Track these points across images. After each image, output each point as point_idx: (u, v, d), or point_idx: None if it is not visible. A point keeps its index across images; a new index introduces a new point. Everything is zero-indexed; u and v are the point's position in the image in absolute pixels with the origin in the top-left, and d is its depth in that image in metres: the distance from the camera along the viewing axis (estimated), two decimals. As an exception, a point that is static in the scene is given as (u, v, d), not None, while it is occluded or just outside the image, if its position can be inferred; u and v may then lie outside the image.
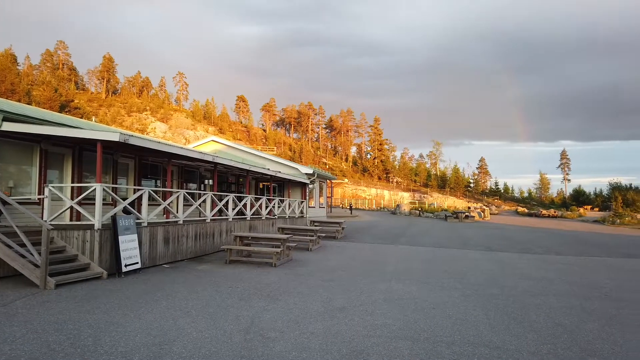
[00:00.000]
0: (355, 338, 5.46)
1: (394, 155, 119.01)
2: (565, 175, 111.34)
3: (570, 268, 12.82)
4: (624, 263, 14.40)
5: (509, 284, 9.77)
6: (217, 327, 5.72)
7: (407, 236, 22.29)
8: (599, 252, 17.58)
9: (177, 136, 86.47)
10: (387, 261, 13.15)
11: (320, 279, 9.63)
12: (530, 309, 7.41)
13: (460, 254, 15.49)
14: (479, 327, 6.13)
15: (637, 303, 8.18)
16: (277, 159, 27.50)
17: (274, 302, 7.30)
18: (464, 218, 39.24)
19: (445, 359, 4.84)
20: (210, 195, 14.03)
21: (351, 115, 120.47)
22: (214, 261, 11.94)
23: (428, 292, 8.57)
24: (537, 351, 5.20)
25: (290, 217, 21.83)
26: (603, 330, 6.18)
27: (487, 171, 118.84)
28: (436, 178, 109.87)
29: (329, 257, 13.67)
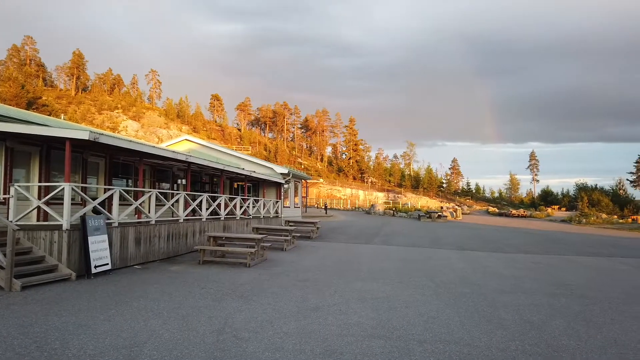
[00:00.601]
0: (329, 337, 5.48)
1: (368, 155, 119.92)
2: (534, 176, 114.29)
3: (539, 266, 13.18)
4: (589, 261, 14.89)
5: (479, 282, 9.98)
6: (189, 328, 5.65)
7: (381, 236, 22.49)
8: (565, 250, 18.13)
9: (149, 135, 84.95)
10: (362, 261, 13.24)
11: (294, 279, 9.63)
12: (499, 306, 7.59)
13: (433, 253, 15.73)
14: (450, 325, 6.25)
15: (601, 300, 8.47)
16: (252, 158, 27.34)
17: (247, 302, 7.26)
18: (437, 218, 39.84)
19: (417, 356, 4.91)
20: (184, 195, 13.85)
21: (326, 116, 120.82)
22: (187, 262, 11.79)
23: (401, 291, 8.67)
24: (506, 348, 5.33)
25: (265, 217, 21.74)
26: (569, 327, 6.38)
27: (459, 172, 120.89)
28: (410, 178, 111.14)
29: (303, 257, 13.68)
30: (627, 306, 7.94)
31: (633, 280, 11.23)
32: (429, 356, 4.94)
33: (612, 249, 18.94)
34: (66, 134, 9.39)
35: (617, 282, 10.84)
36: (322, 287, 8.83)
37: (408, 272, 11.17)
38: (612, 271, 12.73)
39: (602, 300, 8.38)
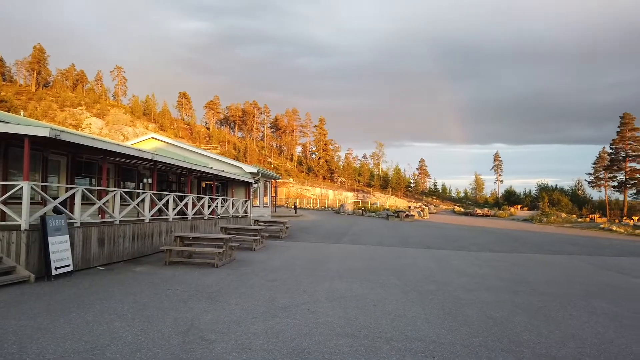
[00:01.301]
0: (297, 337, 5.48)
1: (338, 155, 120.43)
2: (498, 176, 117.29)
3: (502, 264, 13.55)
4: (549, 259, 15.41)
5: (445, 280, 10.18)
6: (154, 330, 5.54)
7: (350, 235, 22.63)
8: (527, 249, 18.70)
9: (114, 133, 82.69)
10: (331, 260, 13.29)
11: (263, 279, 9.57)
12: (464, 303, 7.76)
13: (401, 252, 15.94)
14: (417, 323, 6.35)
15: (560, 296, 8.79)
16: (220, 157, 27.01)
17: (214, 303, 7.17)
18: (405, 217, 40.39)
19: (383, 354, 4.97)
20: (149, 194, 13.56)
21: (296, 115, 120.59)
22: (153, 262, 11.55)
23: (369, 290, 8.75)
24: (470, 344, 5.46)
25: (233, 217, 21.52)
26: (529, 322, 6.58)
27: (426, 172, 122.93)
28: (379, 178, 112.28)
29: (272, 256, 13.62)
30: (585, 302, 8.26)
31: (590, 277, 11.69)
32: (396, 353, 5.00)
33: (571, 247, 19.67)
34: (25, 131, 9.03)
35: (576, 279, 11.26)
36: (291, 286, 8.82)
37: (376, 271, 11.28)
38: (571, 268, 13.21)
39: (561, 297, 8.69)
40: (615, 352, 5.31)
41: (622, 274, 12.23)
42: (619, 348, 5.48)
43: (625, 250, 19.37)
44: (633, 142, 64.43)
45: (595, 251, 18.43)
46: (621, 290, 9.67)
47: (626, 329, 6.38)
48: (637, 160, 64.65)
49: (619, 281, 11.03)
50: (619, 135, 65.14)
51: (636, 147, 64.48)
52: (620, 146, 65.38)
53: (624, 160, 64.85)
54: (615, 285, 10.32)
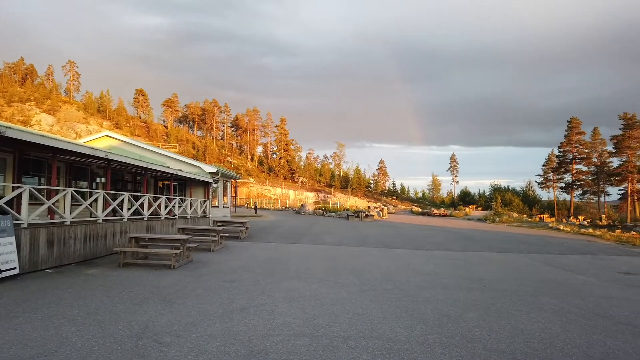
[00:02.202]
0: (254, 338, 5.44)
1: (299, 155, 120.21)
2: (454, 177, 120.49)
3: (456, 263, 13.95)
4: (501, 257, 15.99)
5: (402, 279, 10.38)
6: (105, 335, 5.36)
7: (311, 235, 22.67)
8: (480, 247, 19.33)
9: (66, 130, 79.24)
10: (290, 260, 13.27)
11: (221, 280, 9.45)
12: (420, 301, 7.94)
13: (360, 252, 16.12)
14: (374, 321, 6.44)
15: (511, 293, 9.14)
16: (178, 156, 26.43)
17: (170, 305, 7.01)
18: (364, 217, 40.86)
19: (341, 353, 5.02)
20: (103, 194, 13.10)
21: (257, 115, 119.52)
22: (106, 264, 11.16)
23: (328, 289, 8.80)
24: (425, 341, 5.60)
25: (191, 217, 21.12)
26: (482, 319, 6.82)
27: (386, 172, 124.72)
28: (339, 179, 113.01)
29: (231, 257, 13.46)
30: (534, 298, 8.63)
31: (539, 274, 12.21)
32: (353, 352, 5.06)
33: (521, 246, 20.48)
34: (-34, 127, 8.53)
35: (525, 276, 11.73)
36: (249, 287, 8.75)
37: (335, 271, 11.36)
38: (521, 266, 13.76)
39: (511, 294, 9.04)
40: (561, 346, 5.58)
41: (568, 271, 12.85)
42: (564, 342, 5.76)
43: (571, 248, 20.36)
44: (579, 145, 67.87)
45: (544, 249, 19.28)
46: (567, 287, 10.16)
47: (571, 324, 6.72)
48: (582, 163, 68.23)
49: (565, 278, 11.58)
50: (567, 138, 68.42)
51: (582, 150, 67.99)
52: (567, 149, 68.69)
53: (571, 163, 68.21)
54: (561, 282, 10.84)
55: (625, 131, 60.02)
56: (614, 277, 12.01)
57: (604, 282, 11.03)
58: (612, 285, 10.69)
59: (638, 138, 59.19)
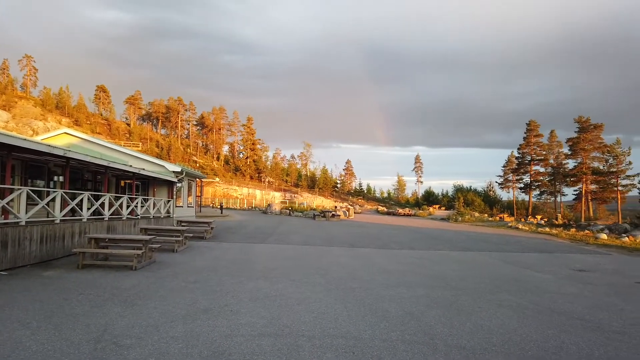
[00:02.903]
0: (217, 339, 5.39)
1: (266, 155, 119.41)
2: (419, 178, 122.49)
3: (420, 261, 14.22)
4: (462, 256, 16.40)
5: (367, 278, 10.49)
6: (62, 338, 5.18)
7: (277, 235, 22.60)
8: (443, 246, 19.77)
9: (22, 127, 75.90)
10: (256, 260, 13.19)
11: (184, 281, 9.29)
12: (384, 300, 8.06)
13: (326, 251, 16.19)
14: (338, 320, 6.49)
15: (472, 290, 9.40)
16: (141, 155, 25.81)
17: (131, 307, 6.85)
18: (331, 217, 41.04)
19: (305, 352, 5.03)
20: (61, 193, 12.64)
21: (224, 113, 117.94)
22: (64, 266, 10.78)
23: (293, 289, 8.80)
24: (388, 338, 5.68)
25: (155, 217, 20.67)
26: (443, 316, 6.98)
27: (352, 172, 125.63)
28: (306, 178, 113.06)
29: (195, 258, 13.26)
30: (493, 295, 8.89)
31: (498, 271, 12.59)
32: (317, 350, 5.09)
33: (482, 244, 21.07)
34: None
35: (486, 274, 12.08)
36: (213, 288, 8.64)
37: (301, 270, 11.37)
38: (482, 264, 14.15)
39: (472, 291, 9.29)
40: (518, 341, 5.78)
41: (526, 269, 13.31)
42: (521, 337, 5.97)
43: (529, 246, 21.09)
44: (537, 147, 70.48)
45: (503, 248, 19.89)
46: (524, 284, 10.52)
47: (528, 319, 6.97)
48: (540, 164, 70.91)
49: (523, 275, 11.99)
50: (525, 140, 70.92)
51: (540, 152, 70.64)
52: (526, 151, 71.19)
53: (529, 164, 70.74)
54: (519, 279, 11.21)
55: (580, 134, 62.70)
56: (568, 274, 12.52)
57: (560, 279, 11.49)
58: (566, 282, 11.14)
59: (592, 141, 61.95)
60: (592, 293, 9.60)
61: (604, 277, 12.14)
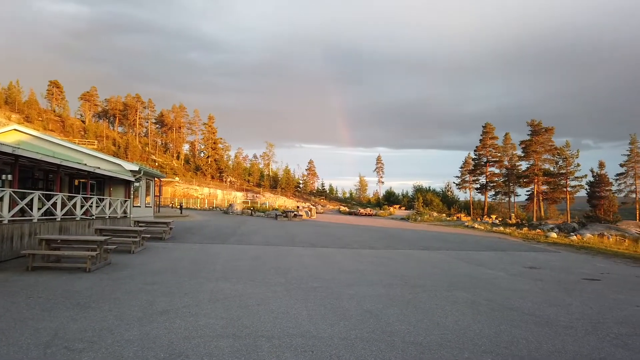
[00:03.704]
0: (175, 341, 5.29)
1: (228, 154, 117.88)
2: (380, 178, 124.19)
3: (380, 260, 14.45)
4: (421, 254, 16.78)
5: (328, 277, 10.57)
6: (9, 344, 4.96)
7: (238, 235, 22.39)
8: (403, 245, 20.16)
9: (-33, 122, 71.86)
10: (216, 261, 13.03)
11: (141, 283, 9.06)
12: (344, 298, 8.14)
13: (287, 251, 16.18)
14: (299, 319, 6.52)
15: (429, 288, 9.63)
16: (97, 153, 24.96)
17: (84, 310, 6.62)
18: (293, 217, 41.03)
19: (264, 352, 5.03)
20: (9, 192, 12.06)
21: (184, 112, 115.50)
22: (12, 268, 10.29)
23: (254, 289, 8.76)
24: (347, 336, 5.75)
25: (111, 218, 20.04)
26: (402, 314, 7.13)
27: (315, 173, 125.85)
28: (269, 178, 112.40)
29: (153, 259, 12.95)
30: (449, 293, 9.15)
31: (455, 270, 12.97)
32: (276, 350, 5.09)
33: (440, 243, 21.63)
34: None
35: (443, 272, 12.42)
36: (172, 289, 8.48)
37: (262, 271, 11.32)
38: (439, 262, 14.53)
39: (430, 289, 9.53)
40: (472, 336, 5.98)
41: (481, 266, 13.77)
42: (474, 332, 6.18)
43: (484, 245, 21.83)
44: (492, 149, 72.98)
45: (460, 246, 20.50)
46: (478, 281, 10.89)
47: (481, 315, 7.22)
48: (495, 166, 73.44)
49: (477, 273, 12.40)
50: (482, 142, 73.29)
51: (495, 154, 73.17)
52: (482, 152, 73.57)
53: (485, 165, 73.13)
54: (474, 277, 11.59)
55: (532, 137, 65.42)
56: (520, 271, 13.04)
57: (512, 276, 11.95)
58: (518, 279, 11.60)
59: (543, 143, 64.74)
60: (541, 289, 10.04)
61: (553, 274, 12.72)
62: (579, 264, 15.52)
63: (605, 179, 65.91)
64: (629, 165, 66.99)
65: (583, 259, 17.02)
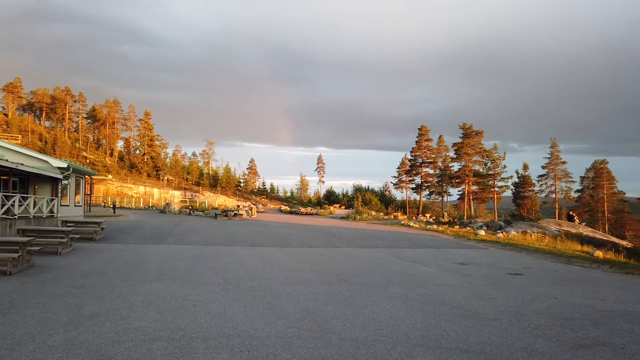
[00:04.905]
0: (104, 345, 5.08)
1: (165, 152, 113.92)
2: (321, 178, 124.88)
3: (319, 258, 14.61)
4: (359, 252, 17.15)
5: (267, 276, 10.55)
6: None
7: (175, 235, 21.75)
8: (342, 243, 20.50)
9: None
10: (151, 262, 12.59)
11: (68, 286, 8.59)
12: (283, 297, 8.17)
13: (226, 251, 15.94)
14: (236, 319, 6.46)
15: (366, 285, 9.88)
16: (20, 149, 23.25)
17: (3, 316, 6.18)
18: (233, 216, 40.42)
19: (199, 354, 4.95)
20: None
21: (118, 107, 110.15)
22: None
23: (190, 290, 8.57)
24: (285, 335, 5.79)
25: (36, 217, 18.78)
26: (338, 311, 7.26)
27: (256, 172, 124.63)
28: (208, 177, 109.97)
29: (82, 260, 12.30)
30: (385, 289, 9.44)
31: (391, 266, 13.38)
32: (212, 352, 5.03)
33: (377, 241, 22.20)
34: None
35: (379, 269, 12.77)
36: (102, 292, 8.10)
37: (199, 271, 11.08)
38: (376, 260, 14.92)
39: (366, 286, 9.77)
40: (405, 330, 6.22)
41: (415, 263, 14.30)
42: (407, 327, 6.42)
43: (418, 242, 22.67)
44: (427, 150, 76.00)
45: (396, 244, 21.15)
46: (413, 277, 11.31)
47: (414, 310, 7.51)
48: (430, 166, 76.53)
49: (412, 269, 12.87)
50: (417, 144, 76.09)
51: (429, 155, 76.24)
52: (418, 154, 76.37)
53: (420, 166, 76.00)
54: (409, 273, 12.02)
55: (464, 139, 68.84)
56: (451, 267, 13.68)
57: (443, 272, 12.52)
58: (449, 274, 12.17)
59: (474, 146, 68.31)
60: (470, 284, 10.60)
61: (481, 269, 13.45)
62: (505, 259, 16.52)
63: (528, 180, 70.79)
64: (549, 167, 71.98)
65: (508, 255, 18.12)
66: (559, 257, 17.94)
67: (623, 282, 12.04)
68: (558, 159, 71.28)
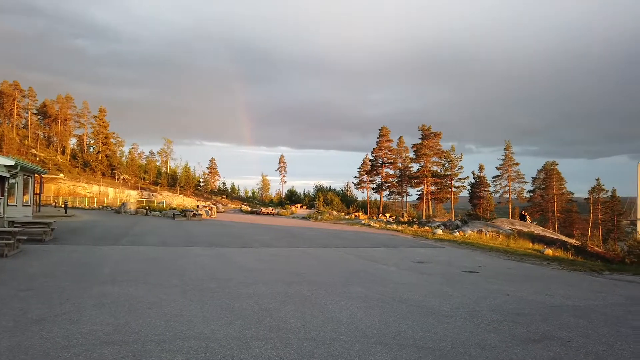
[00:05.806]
0: (51, 351, 4.85)
1: (121, 150, 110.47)
2: (283, 177, 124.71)
3: (279, 259, 14.55)
4: (320, 252, 17.20)
5: (226, 277, 10.41)
6: None
7: (131, 236, 21.10)
8: (303, 243, 20.50)
9: None
10: (105, 263, 12.14)
11: (14, 289, 8.16)
12: (242, 298, 8.07)
13: (185, 252, 15.61)
14: (193, 321, 6.32)
15: (327, 285, 9.90)
16: (-39, 145, 22.00)
17: (-60, 323, 5.81)
18: (192, 216, 39.66)
19: (154, 357, 4.80)
20: None
21: (71, 103, 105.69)
22: None
23: (146, 292, 8.32)
24: (242, 336, 5.71)
25: (-22, 218, 17.76)
26: (298, 310, 7.24)
27: (216, 171, 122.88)
28: (167, 176, 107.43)
29: (30, 263, 11.72)
30: (345, 288, 9.49)
31: (351, 266, 13.48)
32: (167, 354, 4.90)
33: (338, 241, 22.33)
34: None
35: (340, 268, 12.85)
36: (50, 295, 7.74)
37: (156, 272, 10.80)
38: (337, 259, 15.02)
39: (327, 285, 9.80)
40: (363, 329, 6.27)
41: (374, 262, 14.48)
42: (366, 325, 6.48)
43: (378, 242, 22.96)
44: (388, 151, 77.26)
45: (357, 243, 21.35)
46: (372, 276, 11.44)
47: (373, 309, 7.59)
48: (390, 167, 77.89)
49: (372, 268, 13.02)
50: (378, 145, 77.19)
51: (390, 156, 77.57)
52: (378, 154, 77.50)
53: (381, 167, 77.16)
54: (368, 272, 12.16)
55: (423, 141, 70.49)
56: (410, 266, 13.94)
57: (402, 271, 12.74)
58: (408, 273, 12.40)
59: (432, 147, 70.06)
60: (428, 282, 10.83)
61: (438, 267, 13.78)
62: (461, 258, 16.98)
63: (484, 181, 73.27)
64: (503, 169, 74.78)
65: (464, 254, 18.65)
66: (511, 255, 18.61)
67: (571, 279, 12.62)
68: (511, 161, 74.15)
